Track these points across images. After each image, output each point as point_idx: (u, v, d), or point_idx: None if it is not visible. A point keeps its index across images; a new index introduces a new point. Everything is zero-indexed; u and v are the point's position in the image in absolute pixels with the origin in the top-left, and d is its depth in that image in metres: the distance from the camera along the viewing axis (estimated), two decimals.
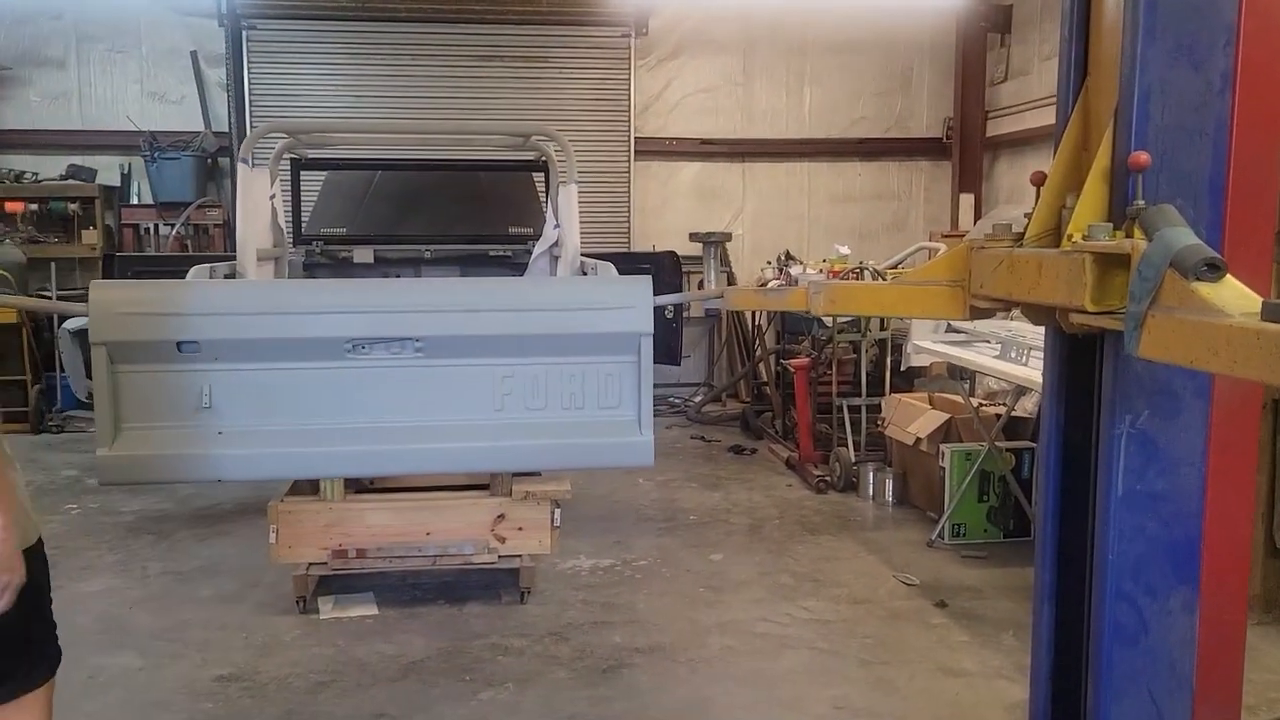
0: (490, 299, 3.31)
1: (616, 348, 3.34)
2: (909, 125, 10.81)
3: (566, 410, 3.36)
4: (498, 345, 3.30)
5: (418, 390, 3.30)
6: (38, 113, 9.65)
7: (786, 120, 10.67)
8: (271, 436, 3.24)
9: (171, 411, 3.20)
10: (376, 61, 9.77)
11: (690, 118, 10.53)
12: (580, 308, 3.31)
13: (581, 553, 5.51)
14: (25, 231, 9.14)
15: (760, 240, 10.56)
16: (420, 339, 3.25)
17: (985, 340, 5.82)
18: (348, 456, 3.30)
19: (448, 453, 3.33)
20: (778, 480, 7.17)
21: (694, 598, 4.93)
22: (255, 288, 3.32)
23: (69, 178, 9.36)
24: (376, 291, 3.28)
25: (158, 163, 9.23)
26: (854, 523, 6.18)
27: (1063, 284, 2.10)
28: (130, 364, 3.18)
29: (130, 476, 3.19)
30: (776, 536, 5.88)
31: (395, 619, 4.63)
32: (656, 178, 10.58)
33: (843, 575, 5.23)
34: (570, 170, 5.17)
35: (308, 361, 3.25)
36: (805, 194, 10.81)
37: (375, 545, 4.72)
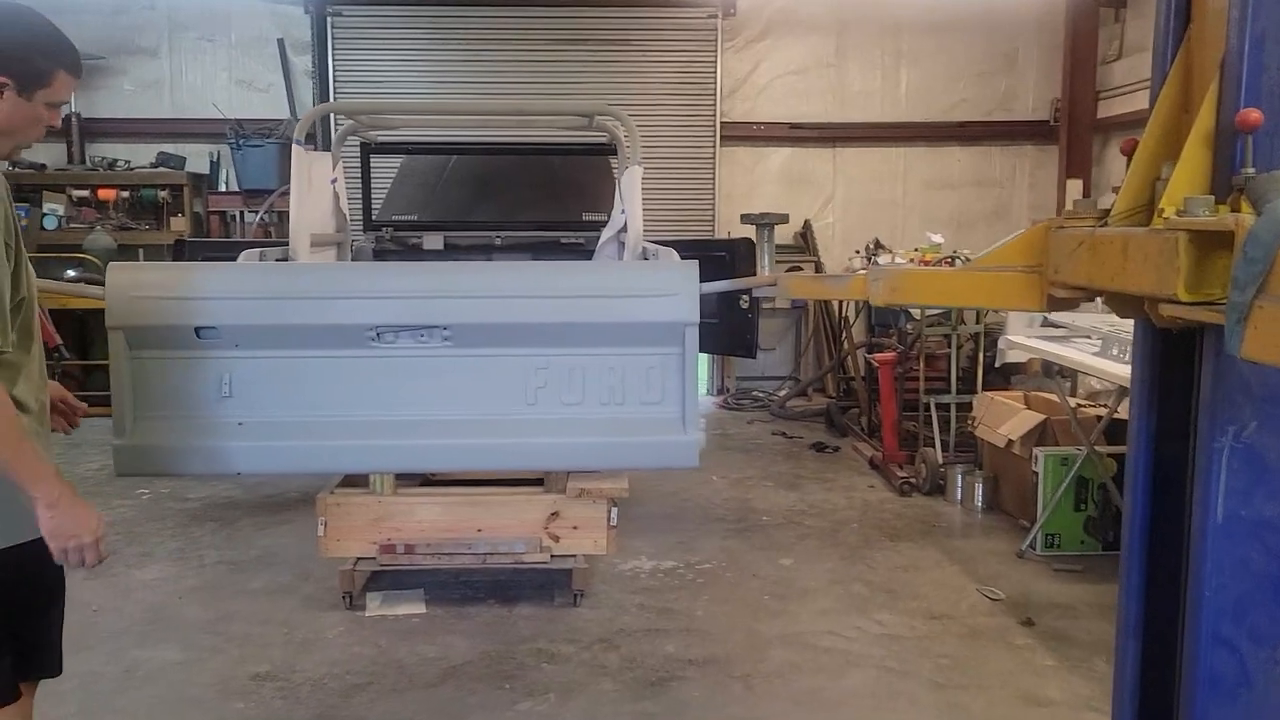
0: (523, 285, 3.07)
1: (658, 338, 3.07)
2: (1013, 107, 10.23)
3: (604, 406, 3.11)
4: (531, 334, 3.06)
5: (445, 382, 3.09)
6: (131, 102, 9.80)
7: (881, 103, 10.21)
8: (292, 428, 3.07)
9: (190, 400, 3.05)
10: (458, 46, 9.66)
11: (779, 101, 10.16)
12: (619, 294, 3.05)
13: (643, 553, 5.26)
14: (117, 219, 9.28)
15: (851, 228, 10.15)
16: (448, 327, 3.04)
17: (1085, 335, 5.36)
18: (371, 451, 3.10)
19: (476, 449, 3.11)
20: (859, 481, 6.80)
21: (757, 606, 4.63)
22: (274, 271, 3.15)
23: (159, 166, 9.48)
24: (401, 276, 3.07)
25: (243, 150, 9.27)
26: (938, 529, 5.79)
27: (1151, 268, 1.75)
28: (148, 350, 3.04)
29: (147, 468, 3.04)
30: (853, 542, 5.54)
31: (442, 618, 4.45)
32: (743, 164, 10.24)
33: (921, 586, 4.87)
34: (635, 151, 4.91)
35: (330, 350, 3.06)
36: (900, 180, 10.34)
37: (424, 541, 4.54)
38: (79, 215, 9.28)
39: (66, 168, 9.43)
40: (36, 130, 2.36)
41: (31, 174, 9.29)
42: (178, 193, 9.38)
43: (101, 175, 9.36)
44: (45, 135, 2.48)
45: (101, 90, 9.73)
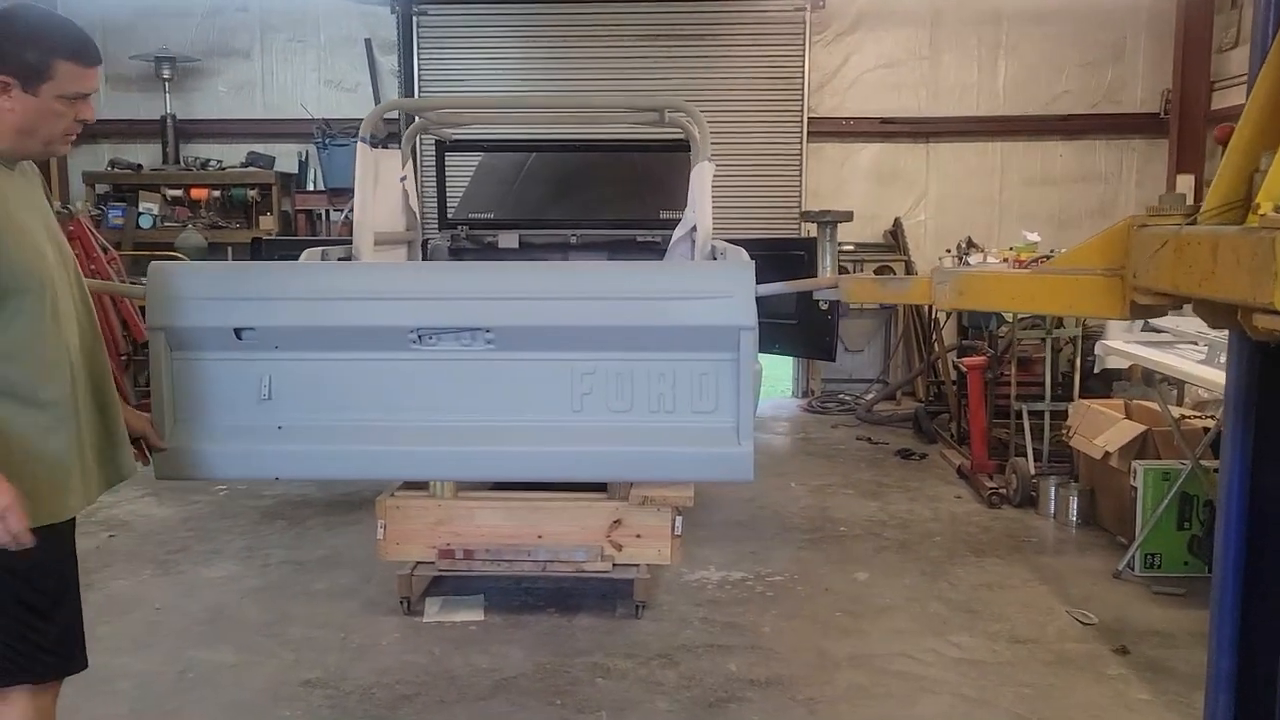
0: (568, 286, 2.92)
1: (712, 343, 2.89)
2: (1120, 99, 9.72)
3: (654, 414, 2.94)
4: (577, 338, 2.91)
5: (488, 386, 2.96)
6: (224, 102, 9.98)
7: (977, 96, 9.80)
8: (331, 433, 2.98)
9: (230, 403, 2.98)
10: (542, 44, 9.59)
11: (869, 95, 9.83)
12: (670, 296, 2.88)
13: (712, 562, 5.08)
14: (208, 218, 9.46)
15: (944, 226, 9.77)
16: (491, 329, 2.91)
17: (1191, 341, 4.99)
18: (410, 457, 2.99)
19: (519, 457, 2.98)
20: (946, 491, 6.49)
21: (827, 623, 4.40)
22: (313, 271, 3.07)
23: (249, 165, 9.63)
24: (444, 276, 2.95)
25: (329, 149, 9.36)
26: (1028, 544, 5.46)
27: (1244, 273, 1.51)
28: (188, 351, 2.98)
29: (186, 471, 2.98)
30: (934, 556, 5.26)
31: (499, 627, 4.34)
32: (831, 160, 9.94)
33: (1006, 607, 4.57)
34: (705, 147, 4.73)
35: (370, 352, 2.96)
36: (997, 176, 9.92)
37: (484, 546, 4.44)
38: (173, 214, 9.49)
39: (162, 168, 9.65)
40: (59, 125, 2.28)
41: (128, 174, 9.54)
42: (266, 192, 9.52)
43: (194, 175, 9.56)
44: (79, 130, 2.40)
45: (196, 92, 9.94)
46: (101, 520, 5.80)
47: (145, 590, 4.78)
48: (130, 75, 9.83)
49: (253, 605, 4.59)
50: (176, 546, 5.37)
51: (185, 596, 4.69)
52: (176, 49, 9.64)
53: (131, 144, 9.90)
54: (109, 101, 9.91)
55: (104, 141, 9.94)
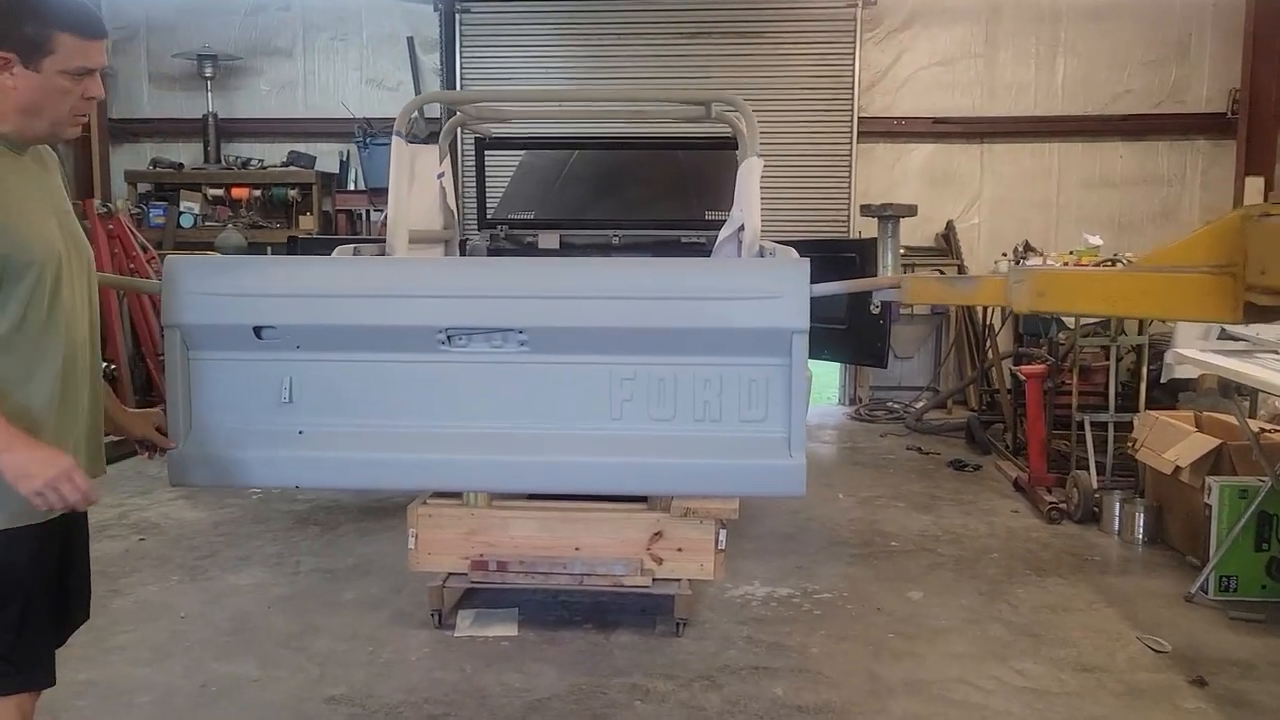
0: (607, 284, 2.72)
1: (762, 347, 2.67)
2: (1184, 98, 9.35)
3: (699, 423, 2.73)
4: (616, 340, 2.71)
5: (521, 391, 2.77)
6: (266, 101, 9.92)
7: (1034, 95, 9.48)
8: (355, 439, 2.79)
9: (249, 406, 2.82)
10: (587, 42, 9.42)
11: (922, 94, 9.55)
12: (717, 296, 2.66)
13: (756, 578, 4.84)
14: (248, 217, 9.39)
15: (999, 230, 9.47)
16: (524, 330, 2.71)
17: (1272, 350, 4.68)
18: (439, 467, 2.80)
19: (553, 468, 2.78)
20: (1002, 505, 6.20)
21: (880, 645, 4.15)
22: (337, 266, 2.89)
23: (290, 164, 9.55)
24: (474, 272, 2.75)
25: (370, 149, 9.25)
26: (1092, 564, 5.17)
27: None
28: (205, 350, 2.81)
29: (203, 478, 2.82)
30: (992, 574, 4.98)
31: (534, 643, 4.14)
32: (882, 161, 9.67)
33: (1071, 631, 4.30)
34: (753, 142, 4.50)
35: (397, 354, 2.78)
36: (1054, 178, 9.59)
37: (518, 558, 4.25)
38: (214, 213, 9.43)
39: (203, 167, 9.60)
40: (65, 104, 2.13)
41: (170, 173, 9.50)
42: (307, 191, 9.44)
43: (235, 174, 9.50)
44: (88, 111, 2.25)
45: (239, 91, 9.89)
46: (133, 523, 5.70)
47: (171, 597, 4.65)
48: (173, 74, 9.80)
49: (279, 615, 4.43)
50: (206, 552, 5.24)
51: (211, 604, 4.55)
52: (219, 47, 9.59)
53: (173, 143, 9.87)
54: (151, 100, 9.92)
55: (146, 140, 9.93)
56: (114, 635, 4.20)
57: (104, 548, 5.29)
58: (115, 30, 9.67)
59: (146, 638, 4.18)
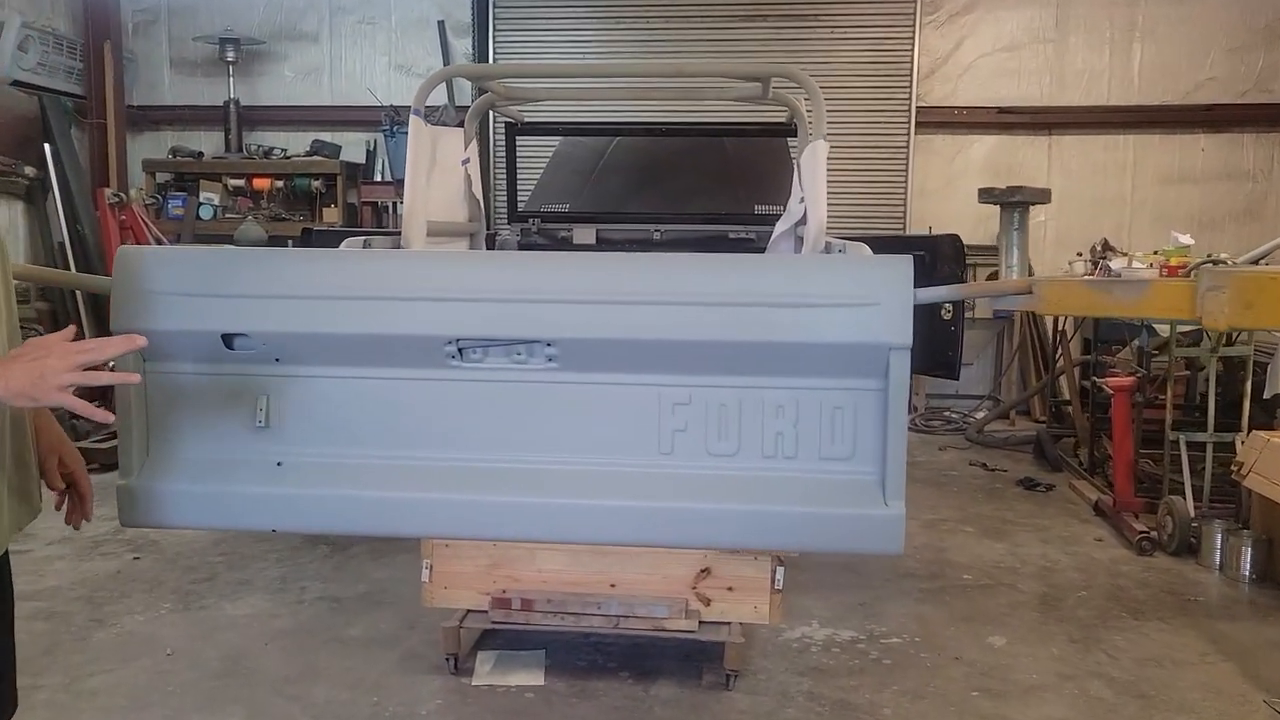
0: (658, 285, 2.18)
1: (851, 366, 2.13)
2: (1272, 87, 8.66)
3: (769, 460, 2.19)
4: (668, 356, 2.17)
5: (548, 419, 2.24)
6: (291, 88, 9.47)
7: (1108, 84, 8.83)
8: (346, 473, 2.28)
9: (217, 431, 2.31)
10: (627, 26, 8.88)
11: (985, 83, 8.93)
12: (795, 301, 2.11)
13: (814, 616, 4.28)
14: (270, 209, 8.95)
15: (1068, 228, 8.83)
16: (553, 342, 2.18)
17: None
18: (446, 509, 2.27)
19: (587, 515, 2.24)
20: (1083, 531, 5.59)
21: (963, 706, 3.58)
22: (326, 260, 2.37)
23: (314, 154, 9.09)
24: (491, 270, 2.23)
25: (397, 138, 8.74)
26: (1195, 605, 4.56)
27: None
28: (164, 364, 2.31)
29: (160, 517, 2.31)
30: (1082, 616, 4.39)
31: (562, 695, 3.61)
32: (940, 154, 9.05)
33: (1186, 692, 3.70)
34: (820, 122, 3.94)
35: (397, 369, 2.26)
36: (1128, 173, 8.93)
37: (545, 595, 3.72)
38: (234, 205, 8.99)
39: (224, 156, 9.16)
40: None
41: (190, 162, 9.07)
42: (331, 182, 8.96)
43: (257, 164, 9.05)
44: None
45: (263, 77, 9.44)
46: (129, 538, 5.23)
47: (159, 629, 4.16)
48: (194, 59, 9.38)
49: (277, 653, 3.93)
50: (204, 574, 4.75)
51: (203, 639, 4.05)
52: (241, 31, 9.15)
53: (194, 131, 9.45)
54: (171, 87, 9.50)
55: (166, 129, 9.51)
56: (90, 676, 3.72)
57: (95, 567, 4.84)
58: (136, 13, 9.28)
59: (125, 680, 3.69)
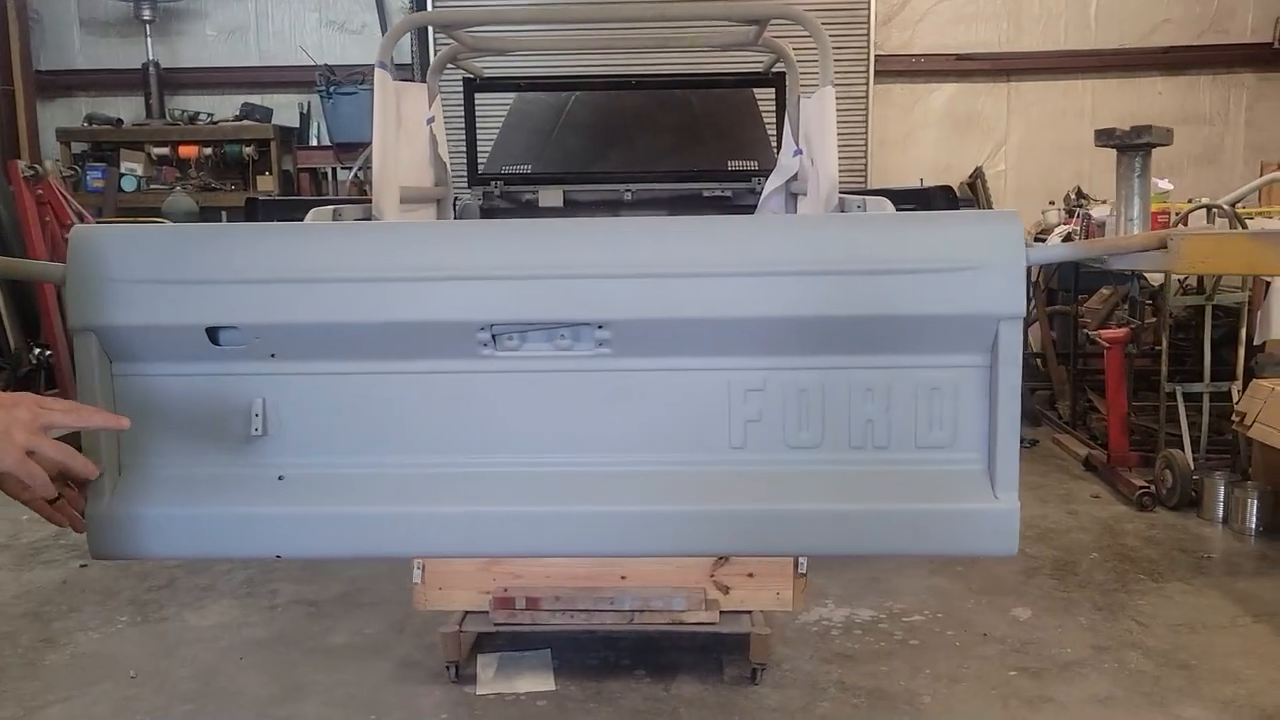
0: (725, 251, 1.86)
1: (953, 340, 1.85)
2: (1228, 28, 8.56)
3: (857, 451, 1.90)
4: (739, 335, 1.87)
5: (601, 412, 1.92)
6: (214, 49, 8.86)
7: (1065, 27, 8.66)
8: (360, 486, 1.93)
9: (203, 442, 1.94)
10: None
11: (943, 29, 8.69)
12: (887, 268, 1.82)
13: (829, 595, 4.05)
14: (199, 179, 8.38)
15: (1028, 179, 8.69)
16: (606, 323, 1.86)
17: None
18: (482, 524, 1.94)
19: (650, 521, 1.93)
20: (1078, 488, 5.45)
21: (1004, 687, 3.38)
22: (332, 236, 2.01)
23: (243, 119, 8.53)
24: (529, 240, 1.90)
25: (334, 99, 8.25)
26: (1209, 562, 4.43)
27: None
28: (138, 363, 1.94)
29: (138, 547, 1.94)
30: (1102, 581, 4.23)
31: (577, 700, 3.33)
32: (899, 104, 8.82)
33: (1227, 659, 3.54)
34: (826, 67, 3.64)
35: (419, 362, 1.92)
36: (1087, 119, 8.75)
37: (552, 593, 3.42)
38: (159, 175, 8.41)
39: (145, 123, 8.55)
40: None
41: (108, 130, 8.45)
42: (264, 148, 8.41)
43: (181, 130, 8.46)
44: None
45: (183, 36, 8.81)
46: (73, 543, 4.78)
47: (118, 647, 3.78)
48: (106, 18, 8.71)
49: (254, 670, 3.57)
50: (162, 580, 4.35)
51: (168, 656, 3.68)
52: None
53: (110, 97, 8.79)
54: (83, 48, 8.83)
55: (80, 94, 8.84)
56: (44, 707, 3.34)
57: (37, 578, 4.41)
58: None
59: (85, 710, 3.31)
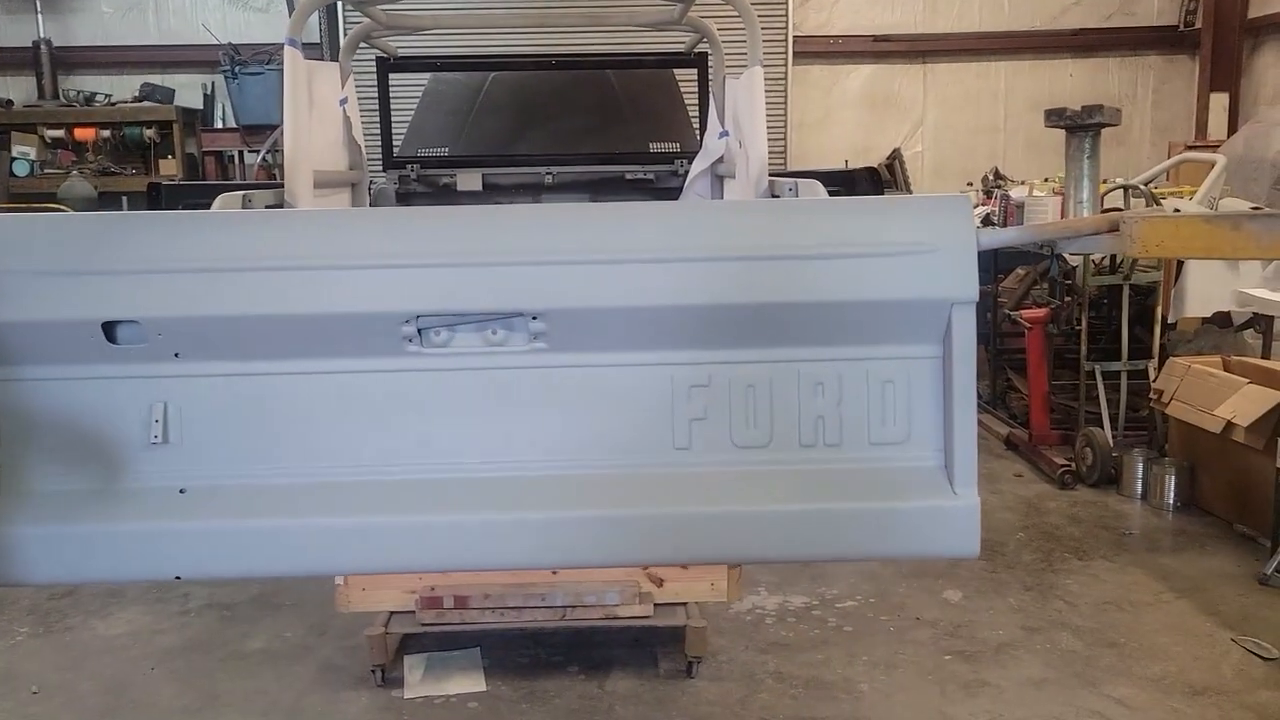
0: (664, 236, 1.76)
1: (904, 328, 1.79)
2: (1135, 11, 8.76)
3: (808, 450, 1.83)
4: (681, 326, 1.78)
5: (535, 412, 1.81)
6: (111, 26, 8.47)
7: (979, 9, 8.76)
8: (274, 499, 1.80)
9: (96, 453, 1.79)
10: None
11: (860, 10, 8.73)
12: (834, 252, 1.74)
13: (760, 584, 4.01)
14: (97, 162, 8.00)
15: (945, 158, 8.79)
16: (539, 314, 1.75)
17: None
18: (406, 538, 1.83)
19: (589, 530, 1.83)
20: (1000, 467, 5.50)
21: (940, 671, 3.37)
22: (241, 222, 1.86)
23: (144, 100, 8.16)
24: (455, 225, 1.77)
25: (239, 79, 7.94)
26: (1131, 539, 4.50)
27: None
28: (23, 365, 1.77)
29: (20, 572, 1.78)
30: (1028, 561, 4.26)
31: (509, 700, 3.22)
32: (818, 85, 8.83)
33: (1153, 636, 3.59)
34: (754, 48, 3.56)
35: (337, 360, 1.79)
36: (1000, 100, 8.91)
37: (481, 590, 3.30)
38: (54, 159, 8.00)
39: (37, 103, 8.14)
40: None
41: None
42: (166, 130, 8.08)
43: (77, 112, 8.07)
44: None
45: (77, 14, 8.40)
46: None
47: (19, 661, 3.55)
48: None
49: (168, 680, 3.39)
50: (63, 588, 4.11)
51: (74, 668, 3.47)
52: None
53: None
54: None
55: None
56: None
57: None
58: None
59: None
